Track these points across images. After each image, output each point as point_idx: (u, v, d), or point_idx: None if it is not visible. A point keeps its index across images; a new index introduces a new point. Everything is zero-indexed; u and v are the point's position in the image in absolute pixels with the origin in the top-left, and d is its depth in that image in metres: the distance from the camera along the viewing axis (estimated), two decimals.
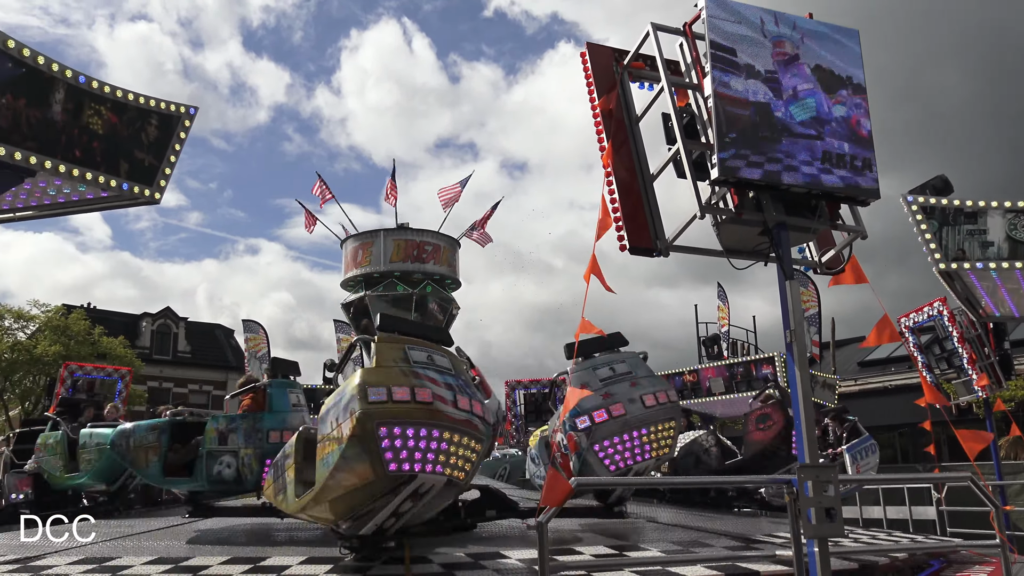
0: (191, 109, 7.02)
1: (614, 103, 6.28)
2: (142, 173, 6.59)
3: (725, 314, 25.20)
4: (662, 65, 6.07)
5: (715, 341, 23.12)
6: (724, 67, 5.64)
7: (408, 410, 5.16)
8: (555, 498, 5.02)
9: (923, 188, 9.10)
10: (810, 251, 6.52)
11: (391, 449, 5.06)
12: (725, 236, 5.93)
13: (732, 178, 5.52)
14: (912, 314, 14.40)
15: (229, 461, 7.51)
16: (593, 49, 6.51)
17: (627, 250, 5.91)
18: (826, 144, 5.79)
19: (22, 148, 5.65)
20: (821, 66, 5.96)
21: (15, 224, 7.75)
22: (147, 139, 6.62)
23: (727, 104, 5.58)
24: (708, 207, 5.75)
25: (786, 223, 5.72)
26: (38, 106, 5.81)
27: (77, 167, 6.05)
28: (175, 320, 44.45)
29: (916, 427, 15.25)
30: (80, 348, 29.67)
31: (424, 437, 5.15)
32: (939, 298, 13.68)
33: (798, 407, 5.41)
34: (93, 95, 6.21)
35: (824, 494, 4.71)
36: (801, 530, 4.72)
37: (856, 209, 6.08)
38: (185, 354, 43.40)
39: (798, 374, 5.39)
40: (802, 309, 5.55)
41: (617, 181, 6.06)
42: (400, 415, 5.12)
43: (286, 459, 6.20)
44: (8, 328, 30.56)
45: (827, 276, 6.55)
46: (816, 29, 6.02)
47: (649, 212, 6.04)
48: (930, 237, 8.58)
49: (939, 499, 14.25)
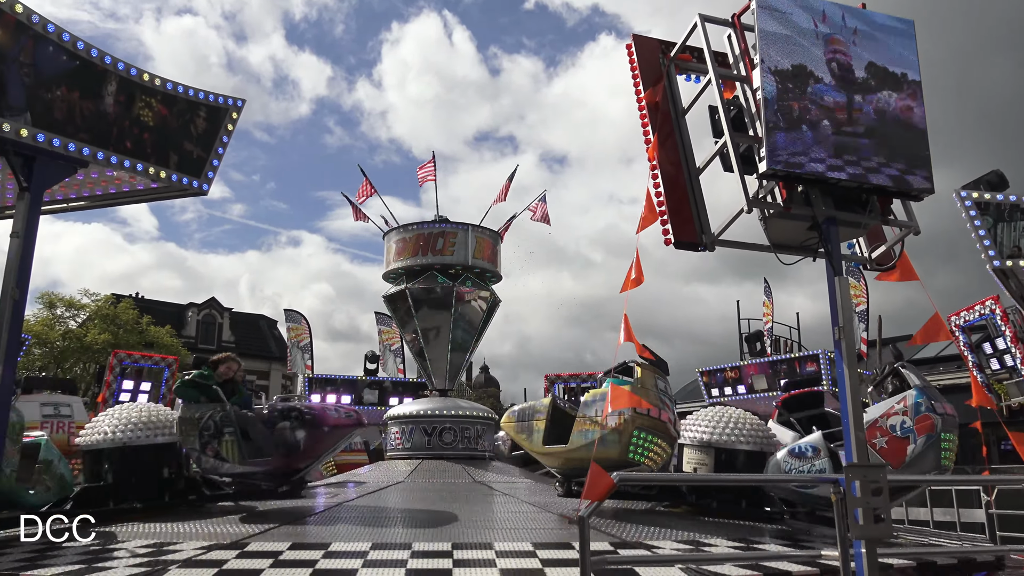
0: (239, 101, 7.10)
1: (660, 96, 6.22)
2: (191, 164, 6.69)
3: (770, 310, 24.87)
4: (710, 57, 5.98)
5: (758, 338, 22.81)
6: (774, 59, 5.54)
7: (653, 424, 7.75)
8: (597, 493, 4.99)
9: (977, 183, 8.88)
10: (860, 246, 6.38)
11: (634, 445, 7.68)
12: (773, 231, 5.83)
13: (781, 172, 5.42)
14: (963, 312, 14.09)
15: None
16: (639, 41, 6.45)
17: (672, 244, 5.85)
18: (878, 137, 5.66)
19: (75, 139, 5.77)
20: (874, 58, 5.82)
21: (66, 215, 7.94)
22: (196, 131, 6.72)
23: (777, 97, 5.48)
24: (756, 201, 5.66)
25: (836, 218, 5.61)
26: (91, 98, 5.92)
27: (128, 158, 6.16)
28: (220, 310, 45.26)
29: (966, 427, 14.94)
30: (128, 336, 30.38)
31: (652, 441, 7.77)
32: (991, 296, 13.36)
33: (846, 406, 5.30)
34: (144, 87, 6.32)
35: (872, 495, 4.61)
36: (848, 531, 4.64)
37: (908, 204, 5.93)
38: (229, 344, 44.13)
39: (847, 372, 5.29)
40: (852, 305, 5.43)
41: (663, 174, 6.00)
42: (648, 426, 7.73)
43: (536, 413, 9.03)
44: (60, 316, 31.37)
45: (876, 272, 6.42)
46: (869, 20, 5.88)
47: (695, 206, 5.97)
48: (984, 234, 8.36)
49: (988, 502, 13.92)
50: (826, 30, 5.74)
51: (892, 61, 5.87)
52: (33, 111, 5.50)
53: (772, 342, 23.46)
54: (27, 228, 5.50)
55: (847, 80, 5.71)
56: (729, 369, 20.66)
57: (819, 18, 5.74)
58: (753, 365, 20.56)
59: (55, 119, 5.64)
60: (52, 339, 29.91)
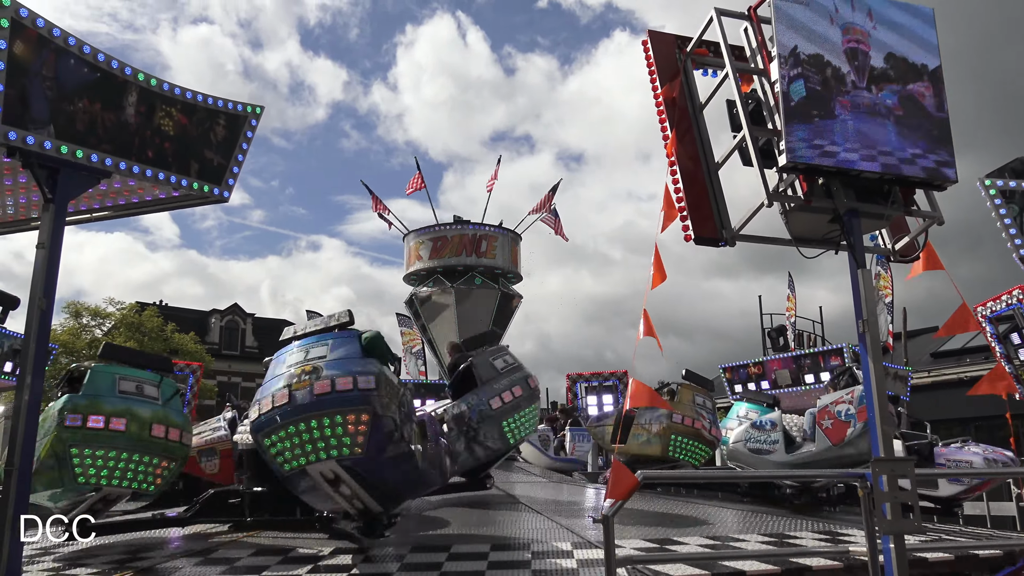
0: (257, 108, 7.16)
1: (677, 91, 6.19)
2: (211, 172, 6.74)
3: (793, 304, 24.67)
4: (726, 51, 5.95)
5: (781, 332, 22.63)
6: (791, 51, 5.50)
7: (687, 430, 10.24)
8: (620, 492, 4.98)
9: (1002, 171, 8.76)
10: (883, 238, 6.32)
11: (672, 446, 10.13)
12: (794, 224, 5.79)
13: (801, 164, 5.38)
14: (989, 303, 13.86)
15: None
16: (655, 37, 6.43)
17: (692, 240, 5.82)
18: (900, 127, 5.60)
19: (98, 150, 5.83)
20: (894, 48, 5.76)
21: (88, 224, 8.02)
22: (216, 139, 6.77)
23: (795, 89, 5.44)
24: (776, 195, 5.62)
25: (858, 210, 5.56)
26: (113, 109, 5.99)
27: (150, 167, 6.22)
28: (243, 316, 45.61)
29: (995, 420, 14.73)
30: (153, 344, 30.71)
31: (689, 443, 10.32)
32: (1019, 285, 13.15)
33: (871, 399, 5.26)
34: (164, 97, 6.38)
35: (901, 489, 4.57)
36: (876, 526, 4.60)
37: (932, 194, 5.86)
38: (253, 349, 44.48)
39: (872, 366, 5.24)
40: (875, 299, 5.39)
41: (681, 170, 5.97)
42: (683, 432, 10.22)
43: (606, 418, 12.17)
44: (86, 325, 31.77)
45: (900, 263, 6.35)
46: (888, 9, 5.82)
47: (714, 201, 5.94)
48: (1010, 222, 8.25)
49: (1019, 494, 13.73)
50: (844, 20, 5.69)
51: (912, 50, 5.81)
52: (56, 123, 5.57)
53: (795, 336, 23.27)
54: (52, 239, 5.56)
55: (867, 70, 5.66)
56: (752, 365, 20.49)
57: (837, 8, 5.69)
58: (776, 360, 20.37)
59: (78, 131, 5.71)
60: (79, 348, 30.28)
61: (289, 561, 5.90)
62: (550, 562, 5.58)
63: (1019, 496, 13.72)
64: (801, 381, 17.03)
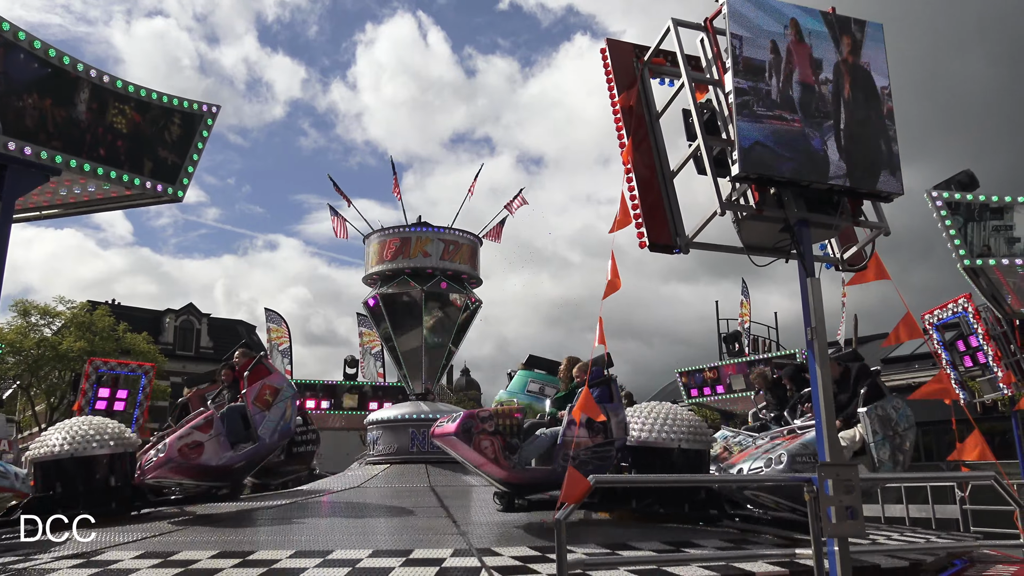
0: (213, 107, 7.08)
1: (634, 99, 6.26)
2: (165, 171, 6.66)
3: (747, 310, 25.06)
4: (683, 61, 6.04)
5: (736, 338, 23.00)
6: (745, 63, 5.61)
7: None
8: (574, 495, 5.02)
9: (948, 183, 9.02)
10: (832, 247, 6.46)
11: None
12: (746, 233, 5.89)
13: (753, 174, 5.48)
14: (936, 311, 14.25)
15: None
16: (613, 45, 6.49)
17: (647, 247, 5.89)
18: (848, 139, 5.74)
19: (48, 147, 5.73)
20: (843, 62, 5.90)
21: (37, 220, 7.85)
22: (170, 137, 6.69)
23: (749, 100, 5.55)
24: (729, 204, 5.72)
25: (808, 220, 5.68)
26: (63, 106, 5.88)
27: (102, 166, 6.12)
28: (197, 316, 44.92)
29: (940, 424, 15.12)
30: (104, 344, 30.09)
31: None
32: (964, 294, 13.53)
33: (818, 405, 5.37)
34: (117, 94, 6.28)
35: (845, 493, 4.68)
36: (822, 529, 4.70)
37: (879, 205, 6.01)
38: (207, 350, 43.83)
39: (819, 372, 5.36)
40: (823, 307, 5.50)
41: (637, 178, 6.04)
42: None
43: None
44: (35, 324, 31.02)
45: (848, 272, 6.50)
46: (839, 24, 5.96)
47: (669, 209, 6.02)
48: (955, 233, 8.50)
49: (963, 498, 14.10)
50: (795, 34, 5.81)
51: (861, 63, 5.96)
52: (4, 119, 5.46)
53: (750, 342, 23.64)
54: None
55: (817, 83, 5.78)
56: (708, 369, 20.81)
57: (789, 21, 5.81)
58: (731, 365, 20.72)
59: (27, 127, 5.60)
60: (26, 347, 29.54)
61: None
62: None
63: (962, 499, 14.08)
64: (754, 386, 17.27)
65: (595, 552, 6.14)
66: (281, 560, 5.78)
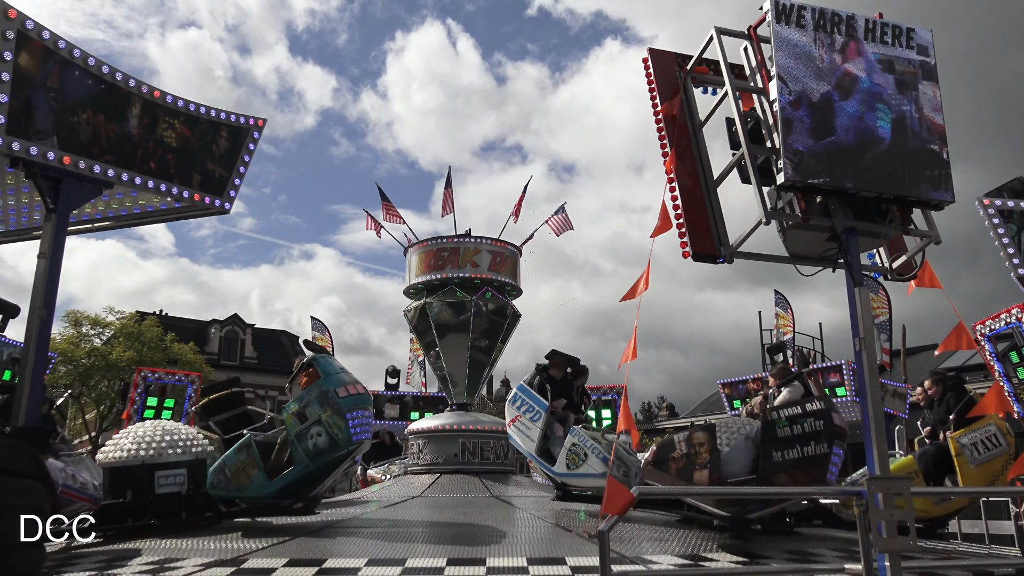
0: (260, 121, 7.21)
1: (677, 108, 6.24)
2: (213, 184, 6.79)
3: (788, 321, 24.71)
4: (726, 69, 5.99)
5: (780, 349, 22.64)
6: (790, 71, 5.55)
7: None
8: (617, 507, 4.98)
9: (1000, 191, 8.81)
10: (880, 257, 6.35)
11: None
12: (791, 242, 5.82)
13: (799, 183, 5.41)
14: (988, 321, 13.87)
15: (317, 430, 7.72)
16: (655, 55, 6.48)
17: (690, 257, 5.85)
18: (897, 147, 5.64)
19: (101, 161, 5.88)
20: (892, 68, 5.81)
21: (89, 233, 8.05)
22: (218, 151, 6.83)
23: (795, 108, 5.48)
24: (774, 213, 5.65)
25: (856, 228, 5.59)
26: (116, 121, 6.04)
27: (152, 179, 6.27)
28: (242, 327, 45.59)
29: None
30: (152, 354, 30.65)
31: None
32: (1018, 304, 13.17)
33: (868, 417, 5.27)
34: (167, 109, 6.43)
35: (897, 507, 4.57)
36: (872, 544, 4.59)
37: (929, 213, 5.90)
38: (252, 360, 44.46)
39: (868, 383, 5.26)
40: (872, 316, 5.40)
41: (680, 187, 6.01)
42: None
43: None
44: (86, 334, 31.75)
45: (898, 282, 6.38)
46: (887, 29, 5.87)
47: (713, 218, 5.97)
48: (1008, 242, 8.28)
49: (1017, 513, 13.68)
50: (843, 40, 5.73)
51: (910, 70, 5.86)
52: (59, 135, 5.62)
53: (794, 353, 23.28)
54: (54, 249, 5.60)
55: (865, 90, 5.70)
56: (751, 381, 20.51)
57: (836, 28, 5.74)
58: None
59: (81, 142, 5.76)
60: (77, 357, 30.23)
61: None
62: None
63: (1017, 515, 13.66)
64: None
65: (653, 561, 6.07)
66: (361, 569, 5.76)
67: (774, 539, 7.39)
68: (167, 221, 7.43)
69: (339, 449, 7.74)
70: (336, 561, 6.01)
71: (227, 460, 7.91)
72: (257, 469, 7.74)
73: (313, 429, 7.69)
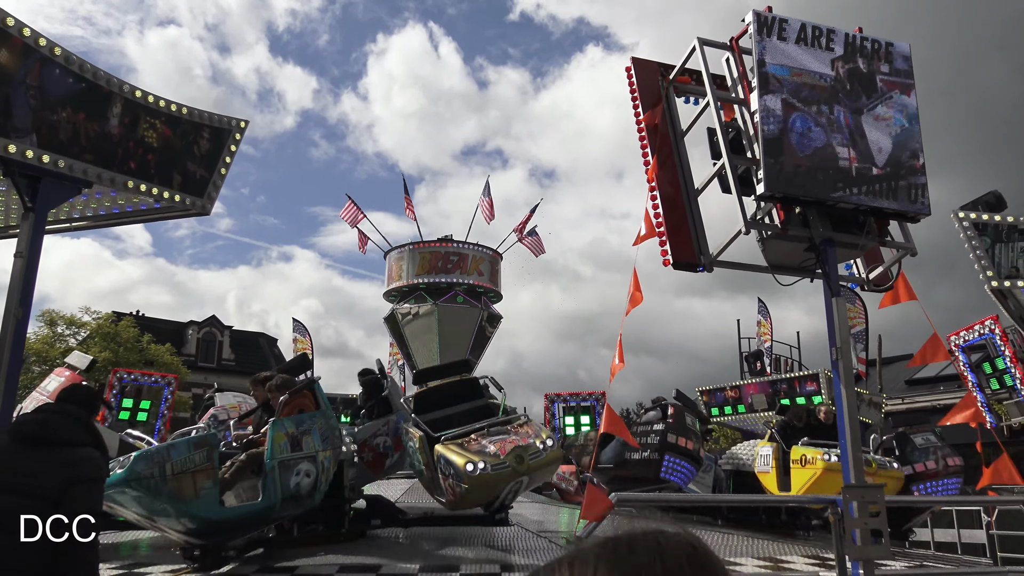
0: (242, 122, 7.17)
1: (659, 118, 6.28)
2: (194, 185, 6.74)
3: (767, 329, 24.86)
4: (708, 80, 6.05)
5: (758, 357, 22.78)
6: (771, 83, 5.61)
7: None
8: (595, 513, 5.01)
9: (975, 204, 8.93)
10: (857, 267, 6.43)
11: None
12: (770, 252, 5.88)
13: (779, 193, 5.47)
14: (962, 332, 14.09)
15: (308, 469, 6.36)
16: (638, 64, 6.52)
17: (671, 265, 5.89)
18: (874, 160, 5.72)
19: (80, 160, 5.81)
20: (871, 80, 5.89)
21: (66, 232, 7.96)
22: (199, 151, 6.78)
23: (775, 120, 5.54)
24: (753, 223, 5.71)
25: (833, 239, 5.66)
26: (96, 120, 5.98)
27: (132, 179, 6.21)
28: (220, 328, 45.20)
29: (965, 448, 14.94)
30: (129, 355, 30.32)
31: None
32: (991, 316, 13.37)
33: (843, 425, 5.33)
34: (149, 109, 6.38)
35: (871, 515, 4.63)
36: (845, 552, 4.65)
37: (905, 225, 5.98)
38: (229, 362, 44.08)
39: (844, 392, 5.32)
40: (848, 326, 5.46)
41: (662, 196, 6.05)
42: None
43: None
44: (61, 334, 31.36)
45: (875, 293, 6.46)
46: (865, 44, 5.95)
47: (693, 227, 6.02)
48: (982, 254, 8.40)
49: (989, 522, 13.85)
50: (822, 54, 5.81)
51: (888, 84, 5.94)
52: (39, 132, 5.55)
53: (772, 361, 23.43)
54: (31, 248, 5.54)
55: (843, 103, 5.77)
56: (729, 388, 20.61)
57: (817, 41, 5.81)
58: (753, 384, 20.53)
59: (60, 140, 5.69)
60: (52, 357, 29.85)
61: None
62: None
63: (989, 524, 13.83)
64: (776, 405, 17.15)
65: None
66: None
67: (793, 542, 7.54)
68: (147, 221, 7.36)
69: (313, 502, 6.50)
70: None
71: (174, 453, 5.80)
72: (210, 482, 5.86)
73: (303, 465, 6.32)
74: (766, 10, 5.76)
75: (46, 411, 3.39)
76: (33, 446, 3.18)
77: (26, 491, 3.01)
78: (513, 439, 6.97)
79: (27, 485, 3.04)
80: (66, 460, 3.13)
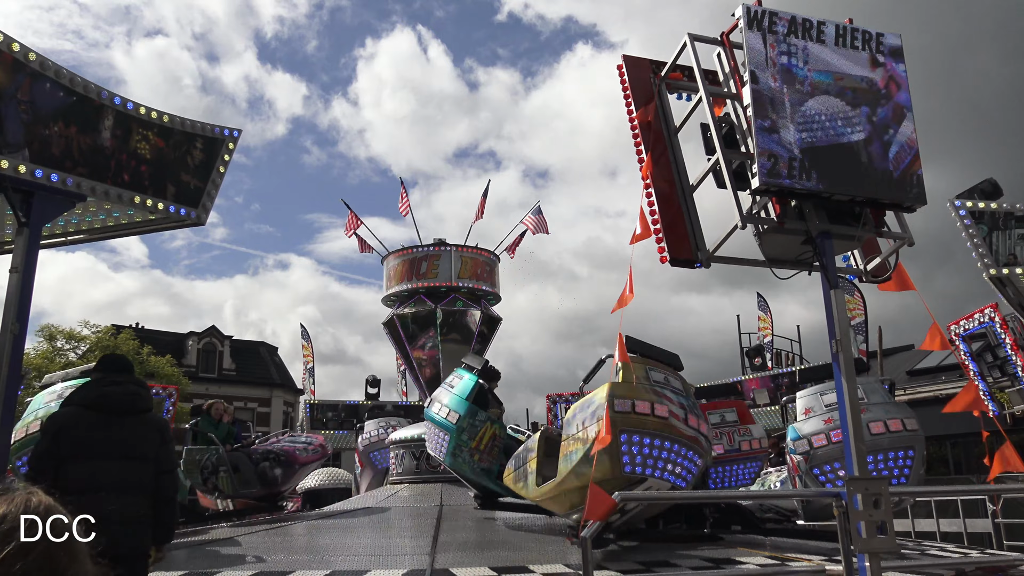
0: (235, 132, 7.16)
1: (652, 115, 6.27)
2: (188, 196, 6.72)
3: (767, 324, 24.90)
4: (700, 75, 6.05)
5: (759, 352, 22.80)
6: (763, 76, 5.60)
7: (647, 421, 6.12)
8: (599, 512, 4.99)
9: (971, 192, 8.93)
10: (855, 259, 6.42)
11: (628, 453, 5.99)
12: (767, 246, 5.87)
13: (773, 187, 5.46)
14: (963, 321, 14.09)
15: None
16: (630, 62, 6.52)
17: (668, 262, 5.88)
18: (869, 150, 5.71)
19: (73, 174, 5.80)
20: (863, 72, 5.88)
21: (62, 246, 7.94)
22: (192, 162, 6.76)
23: (768, 114, 5.54)
24: (749, 217, 5.70)
25: (830, 231, 5.65)
26: (89, 133, 5.96)
27: (126, 191, 6.19)
28: (220, 338, 45.17)
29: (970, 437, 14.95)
30: None
31: (657, 447, 6.09)
32: (990, 304, 13.37)
33: (845, 418, 5.32)
34: (141, 120, 6.36)
35: (876, 508, 4.62)
36: (852, 544, 4.63)
37: (902, 215, 5.97)
38: (230, 372, 44.05)
39: (845, 384, 5.30)
40: (848, 318, 5.46)
41: (657, 193, 6.04)
42: (640, 425, 6.08)
43: (528, 452, 7.20)
44: (61, 349, 31.32)
45: (873, 284, 6.46)
46: (857, 35, 5.95)
47: (689, 223, 6.01)
48: (979, 242, 8.39)
49: (994, 511, 13.85)
50: (814, 46, 5.80)
51: (879, 71, 5.94)
52: (31, 147, 5.54)
53: (773, 356, 23.45)
54: (26, 263, 5.52)
55: (836, 94, 5.76)
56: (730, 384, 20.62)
57: (807, 34, 5.81)
58: (755, 379, 20.56)
59: (53, 154, 5.68)
60: (52, 372, 29.82)
61: None
62: None
63: (994, 513, 13.83)
64: (779, 400, 17.16)
65: (631, 569, 6.08)
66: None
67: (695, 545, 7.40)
68: (142, 233, 7.35)
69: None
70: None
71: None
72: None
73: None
74: (755, 3, 5.75)
75: (127, 383, 4.05)
76: (123, 415, 3.84)
77: (134, 455, 3.69)
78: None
79: (132, 449, 3.71)
80: (157, 425, 3.95)
